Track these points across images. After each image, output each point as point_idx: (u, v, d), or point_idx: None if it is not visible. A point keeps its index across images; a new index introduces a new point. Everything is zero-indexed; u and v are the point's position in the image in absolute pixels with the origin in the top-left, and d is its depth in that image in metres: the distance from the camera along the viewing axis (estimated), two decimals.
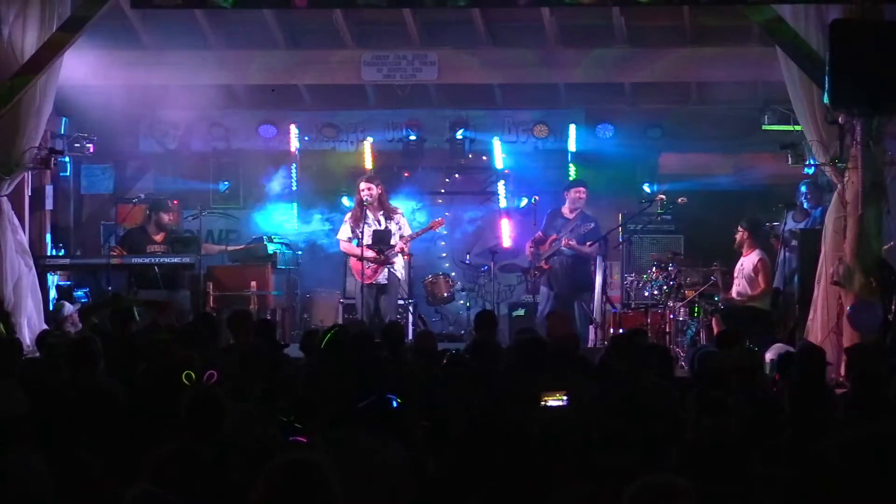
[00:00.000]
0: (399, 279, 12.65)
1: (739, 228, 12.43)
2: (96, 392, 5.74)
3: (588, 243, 12.84)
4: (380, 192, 12.64)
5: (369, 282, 12.45)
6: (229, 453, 4.80)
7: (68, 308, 11.91)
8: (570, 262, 12.90)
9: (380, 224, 12.51)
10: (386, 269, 12.46)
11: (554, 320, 10.98)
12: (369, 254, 12.41)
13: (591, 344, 12.35)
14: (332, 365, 7.40)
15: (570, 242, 12.78)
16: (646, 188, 14.23)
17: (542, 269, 13.02)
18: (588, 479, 4.39)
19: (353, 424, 5.30)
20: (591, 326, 12.61)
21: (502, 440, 4.97)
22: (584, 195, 13.12)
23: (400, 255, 12.63)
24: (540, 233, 13.27)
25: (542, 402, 5.65)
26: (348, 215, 12.81)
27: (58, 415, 5.33)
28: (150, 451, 4.25)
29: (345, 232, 12.74)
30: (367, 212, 12.53)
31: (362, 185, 12.62)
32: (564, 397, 5.63)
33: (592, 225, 12.98)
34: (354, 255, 12.54)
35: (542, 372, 6.82)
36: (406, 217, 13.10)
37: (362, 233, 12.36)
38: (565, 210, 13.16)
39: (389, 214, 12.62)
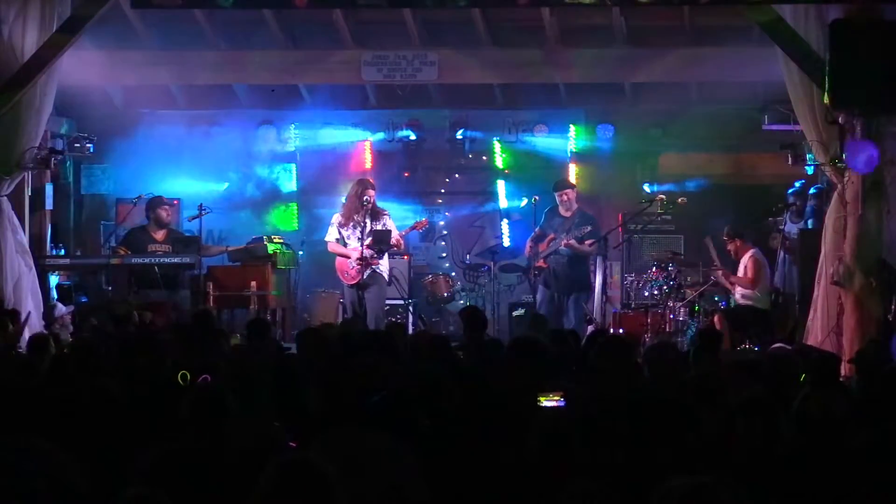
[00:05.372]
0: (384, 277, 12.60)
1: (725, 239, 12.50)
2: (97, 393, 5.72)
3: (587, 242, 12.80)
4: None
5: (353, 282, 12.43)
6: (230, 454, 4.80)
7: (60, 309, 11.90)
8: (568, 262, 12.84)
9: (366, 226, 12.41)
10: (369, 268, 12.42)
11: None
12: (367, 253, 12.37)
13: None
14: (335, 366, 7.39)
15: (570, 242, 12.73)
16: (646, 188, 14.22)
17: (540, 268, 12.96)
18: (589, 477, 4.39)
19: (359, 424, 5.30)
20: (589, 326, 12.58)
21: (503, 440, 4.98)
22: (570, 196, 13.05)
23: (386, 254, 12.60)
24: (538, 230, 13.24)
25: (538, 403, 5.65)
26: (336, 217, 12.72)
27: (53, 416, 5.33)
28: (148, 451, 4.24)
29: (331, 234, 12.68)
30: (358, 214, 12.45)
31: (371, 192, 12.53)
32: (560, 398, 5.63)
33: (589, 228, 12.92)
34: (344, 256, 12.49)
35: (540, 372, 6.81)
36: (409, 217, 13.08)
37: (362, 233, 12.33)
38: (561, 210, 13.10)
39: (377, 216, 12.56)
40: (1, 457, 3.66)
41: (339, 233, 12.56)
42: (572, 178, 14.58)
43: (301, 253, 13.82)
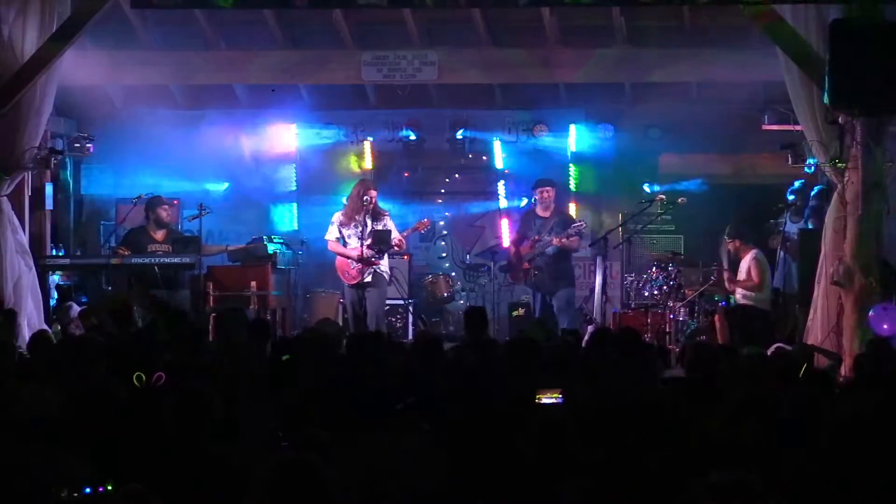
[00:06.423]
0: (385, 277, 12.57)
1: (727, 240, 12.49)
2: (99, 392, 5.73)
3: (570, 237, 12.78)
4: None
5: (354, 282, 12.40)
6: (221, 453, 4.80)
7: (75, 309, 11.88)
8: (553, 260, 12.84)
9: (367, 226, 12.38)
10: (371, 269, 12.39)
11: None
12: (367, 253, 12.33)
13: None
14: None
15: (563, 241, 12.73)
16: (646, 188, 14.21)
17: (525, 270, 12.96)
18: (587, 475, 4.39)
19: (363, 427, 5.31)
20: (589, 326, 12.58)
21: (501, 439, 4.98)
22: (550, 195, 13.05)
23: (386, 255, 12.58)
24: (517, 234, 13.27)
25: (537, 400, 5.66)
26: (337, 216, 12.69)
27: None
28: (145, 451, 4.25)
29: (332, 233, 12.66)
30: (359, 214, 12.42)
31: (372, 193, 12.51)
32: (559, 395, 5.65)
33: (583, 224, 13.01)
34: (344, 256, 12.47)
35: (538, 371, 6.82)
36: (409, 217, 13.04)
37: (362, 234, 12.32)
38: (539, 210, 13.09)
39: (377, 217, 12.53)
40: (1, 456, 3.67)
41: (340, 232, 12.55)
42: (572, 179, 14.62)
43: (301, 253, 13.81)
